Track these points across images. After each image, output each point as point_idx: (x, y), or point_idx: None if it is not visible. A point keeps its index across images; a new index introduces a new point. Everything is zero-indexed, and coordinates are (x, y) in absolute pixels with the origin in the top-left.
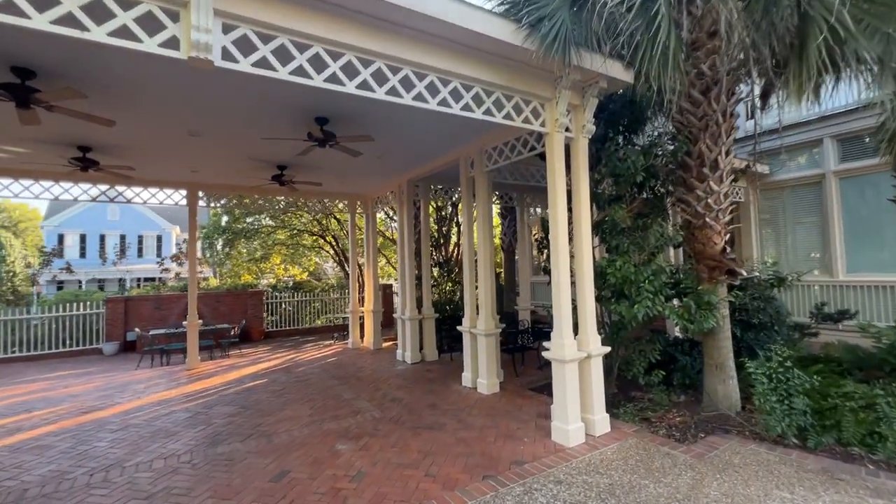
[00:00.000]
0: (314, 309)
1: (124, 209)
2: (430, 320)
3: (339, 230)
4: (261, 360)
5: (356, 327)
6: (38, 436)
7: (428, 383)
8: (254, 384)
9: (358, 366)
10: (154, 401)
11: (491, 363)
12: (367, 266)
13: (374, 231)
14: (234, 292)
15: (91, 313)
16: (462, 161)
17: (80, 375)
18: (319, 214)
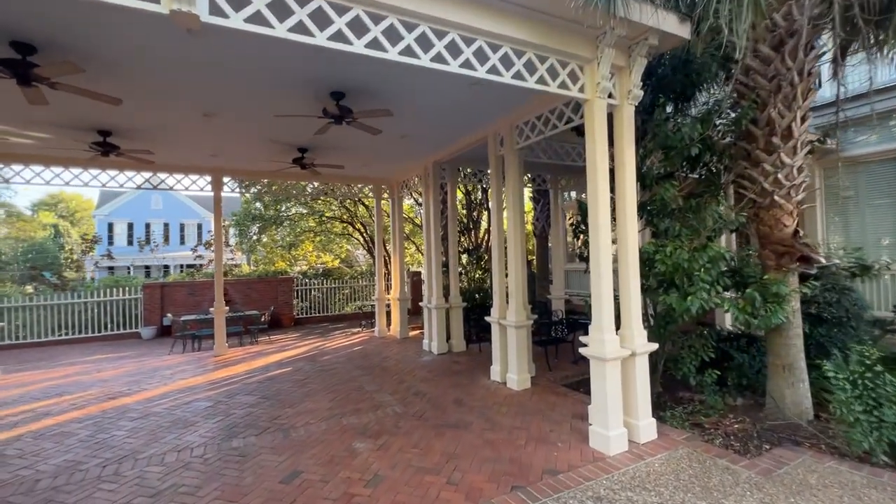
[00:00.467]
0: (344, 296)
1: (166, 199)
2: (458, 309)
3: (368, 217)
4: (288, 347)
5: (383, 315)
6: (62, 422)
7: (454, 376)
8: (278, 373)
9: (383, 355)
10: (178, 388)
11: (522, 357)
12: (394, 253)
13: (401, 216)
14: (265, 279)
15: (130, 298)
16: (491, 139)
17: (115, 360)
18: (348, 201)
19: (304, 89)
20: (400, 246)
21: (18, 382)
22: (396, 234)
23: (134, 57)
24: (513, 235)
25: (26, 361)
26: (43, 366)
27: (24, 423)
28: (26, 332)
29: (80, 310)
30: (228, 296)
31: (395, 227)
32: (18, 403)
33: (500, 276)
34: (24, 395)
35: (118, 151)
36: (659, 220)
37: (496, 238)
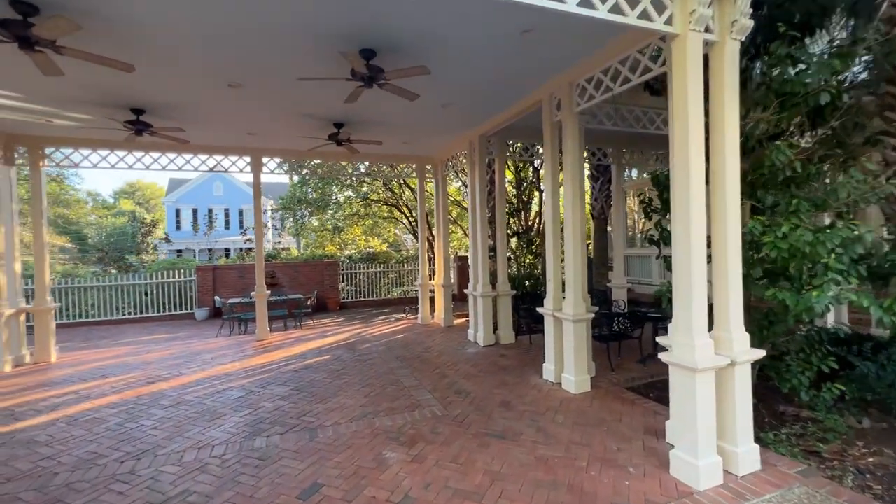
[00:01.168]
0: (389, 280)
1: (227, 186)
2: (506, 298)
3: (413, 200)
4: (329, 333)
5: (426, 302)
6: (98, 406)
7: (501, 373)
8: (315, 361)
9: (425, 346)
10: (214, 374)
11: (580, 355)
12: (438, 236)
13: (445, 197)
14: (311, 262)
15: (185, 280)
16: (546, 102)
17: (165, 341)
18: (393, 183)
19: (331, 48)
20: (444, 229)
21: (73, 362)
22: (441, 216)
23: (145, 14)
24: (571, 216)
25: (90, 339)
26: (102, 344)
27: (64, 405)
28: (95, 311)
29: (141, 291)
30: (276, 279)
31: (439, 208)
32: (66, 384)
33: (555, 262)
34: (72, 376)
35: (151, 130)
36: (764, 193)
37: (551, 219)
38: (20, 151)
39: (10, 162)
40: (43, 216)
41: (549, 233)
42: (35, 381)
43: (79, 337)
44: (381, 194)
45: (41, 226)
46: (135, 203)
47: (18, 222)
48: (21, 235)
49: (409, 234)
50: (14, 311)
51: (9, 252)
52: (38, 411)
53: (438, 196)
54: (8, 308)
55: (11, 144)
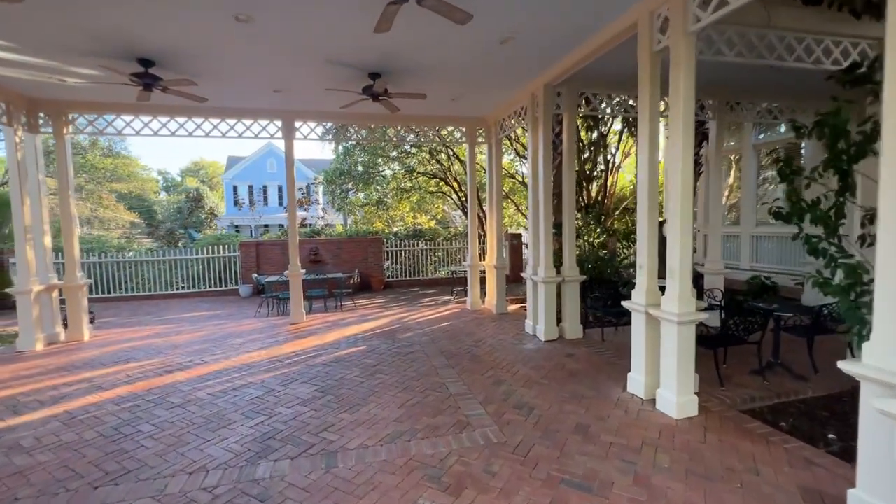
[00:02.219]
0: (436, 258)
1: (280, 162)
2: (573, 284)
3: (462, 173)
4: (369, 317)
5: (476, 285)
6: (103, 401)
7: (571, 380)
8: (349, 352)
9: (475, 337)
10: (237, 365)
11: (686, 367)
12: (490, 212)
13: (498, 166)
14: (355, 239)
15: (229, 256)
16: (644, 23)
17: (201, 320)
18: (441, 154)
19: None
20: (498, 203)
21: (103, 341)
22: (494, 188)
23: None
24: (680, 184)
25: (135, 315)
26: (143, 321)
27: (71, 397)
28: (151, 286)
29: (188, 266)
30: (318, 256)
31: (491, 179)
32: (85, 369)
33: (649, 243)
34: (95, 360)
35: (162, 85)
36: None
37: (647, 187)
38: (44, 118)
39: (34, 129)
40: (70, 187)
41: (643, 205)
42: (58, 363)
43: (127, 312)
44: (427, 166)
45: (68, 197)
46: (199, 181)
47: (46, 193)
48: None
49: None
50: (44, 287)
51: (37, 225)
52: (41, 403)
53: (492, 164)
54: (37, 284)
55: (34, 110)
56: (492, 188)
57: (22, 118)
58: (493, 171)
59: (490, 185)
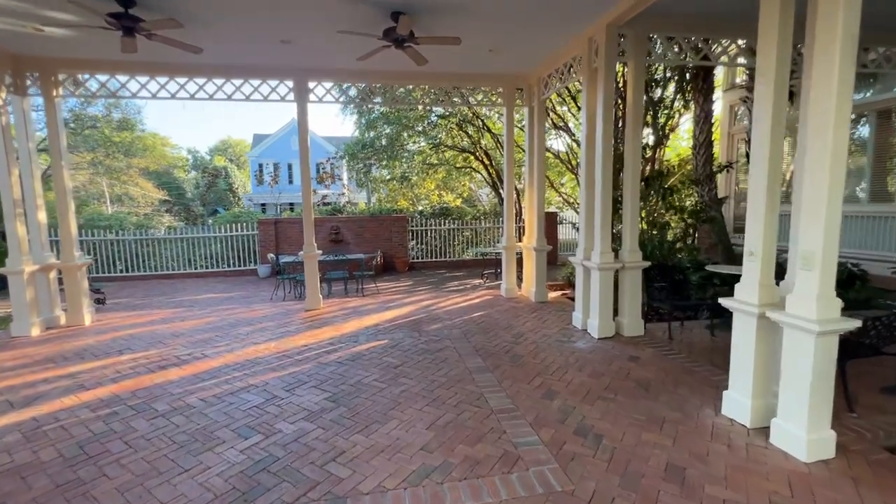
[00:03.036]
0: (464, 238)
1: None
2: (634, 271)
3: (494, 146)
4: (392, 303)
5: (512, 270)
6: (80, 405)
7: (644, 394)
8: (368, 347)
9: (514, 332)
10: (240, 360)
11: (821, 393)
12: (530, 186)
13: (541, 131)
14: (378, 217)
15: (247, 234)
16: None
17: (213, 303)
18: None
19: None
20: (539, 176)
21: (103, 327)
22: (535, 159)
23: None
24: (830, 146)
25: (149, 296)
26: (153, 303)
27: (46, 398)
28: (164, 265)
29: (207, 244)
30: (340, 235)
31: (533, 148)
32: (74, 361)
33: (766, 223)
34: (88, 349)
35: (145, 30)
36: None
37: (766, 156)
38: (32, 79)
39: (21, 91)
40: (62, 157)
41: (759, 178)
42: (48, 352)
43: (142, 292)
44: (455, 139)
45: (61, 168)
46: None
47: (38, 164)
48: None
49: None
50: (38, 267)
51: (30, 198)
52: (11, 405)
53: (532, 131)
54: (31, 264)
55: (21, 70)
56: (533, 159)
57: (7, 78)
58: (534, 139)
59: (530, 156)
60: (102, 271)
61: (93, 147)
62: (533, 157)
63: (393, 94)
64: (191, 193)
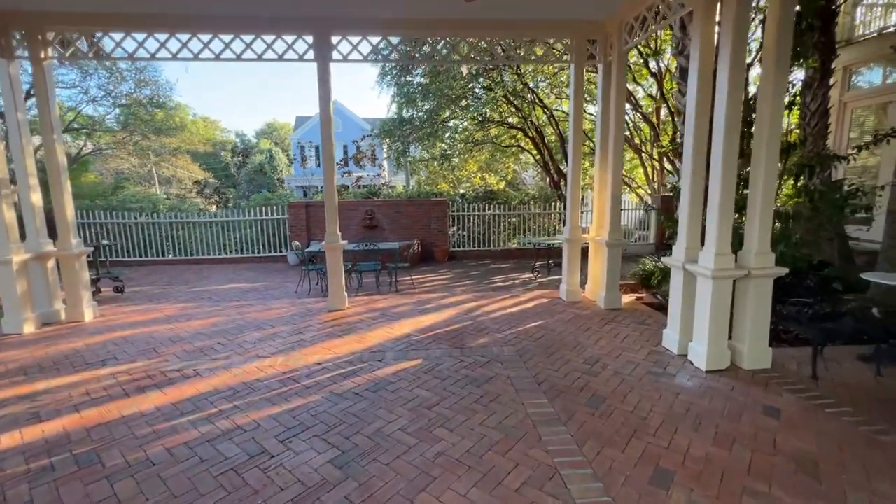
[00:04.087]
0: (510, 225)
1: (345, 121)
2: (762, 282)
3: (546, 122)
4: (429, 304)
5: (575, 268)
6: (12, 449)
7: (814, 486)
8: (396, 370)
9: (586, 353)
10: (234, 384)
11: None
12: (601, 164)
13: (620, 91)
14: (416, 201)
15: (278, 218)
16: None
17: (228, 297)
18: (518, 100)
19: None
20: (616, 151)
21: (100, 325)
22: (611, 129)
23: None
24: None
25: (172, 284)
26: (169, 294)
27: None
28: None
29: (238, 228)
30: (374, 220)
31: (607, 116)
32: (44, 375)
33: None
34: (70, 357)
35: None
36: None
37: None
38: (18, 39)
39: (6, 53)
40: (54, 129)
41: None
42: (27, 359)
43: (166, 279)
44: (504, 112)
45: (53, 142)
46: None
47: (29, 139)
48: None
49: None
50: (30, 256)
51: (21, 177)
52: None
53: (609, 92)
54: (22, 253)
55: (5, 28)
56: (606, 129)
57: None
58: (609, 104)
59: (603, 126)
60: (134, 255)
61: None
62: (608, 126)
63: (435, 50)
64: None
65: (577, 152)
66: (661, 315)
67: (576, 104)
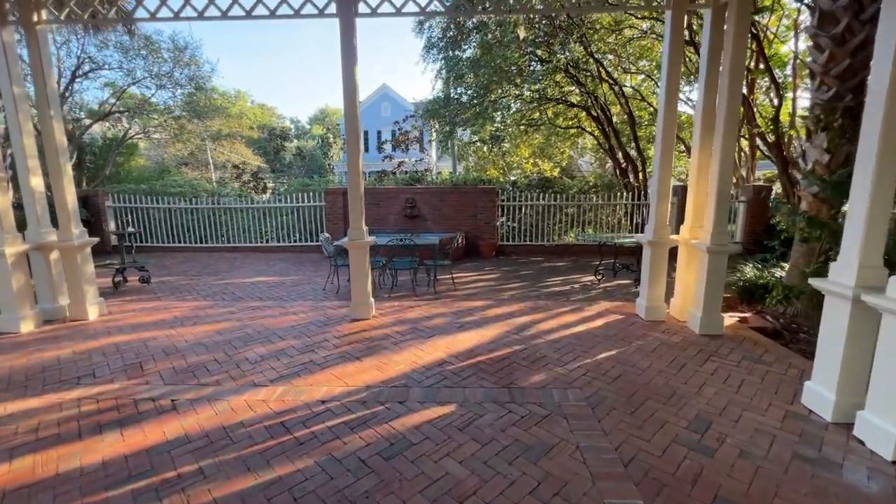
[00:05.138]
0: (567, 217)
1: (394, 106)
2: None
3: (613, 99)
4: (470, 316)
5: (661, 277)
6: None
7: None
8: (420, 421)
9: (688, 413)
10: (211, 428)
11: None
12: (706, 146)
13: (738, 49)
14: (462, 188)
15: (315, 206)
16: None
17: (249, 293)
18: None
19: None
20: (726, 129)
21: (100, 327)
22: (723, 97)
23: None
24: None
25: (196, 275)
26: (189, 287)
27: None
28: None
29: (276, 215)
30: (415, 209)
31: (715, 80)
32: (9, 392)
33: None
34: (47, 369)
35: None
36: None
37: None
38: (11, 0)
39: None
40: (51, 104)
41: None
42: (1, 368)
43: (196, 269)
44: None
45: (50, 118)
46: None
47: (28, 115)
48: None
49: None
50: (28, 247)
51: (20, 159)
52: None
53: (720, 49)
54: (18, 243)
55: None
56: (713, 99)
57: None
58: (723, 62)
59: (708, 94)
60: (173, 241)
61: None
62: (714, 97)
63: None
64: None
65: (670, 129)
66: (781, 347)
67: (670, 64)
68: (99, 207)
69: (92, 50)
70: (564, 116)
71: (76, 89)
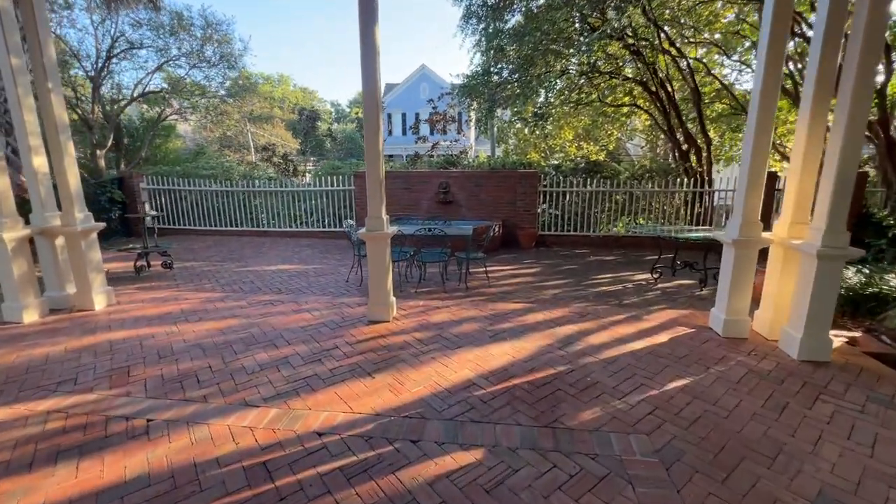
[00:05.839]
0: (615, 205)
1: (432, 87)
2: None
3: (678, 76)
4: (504, 323)
5: (746, 285)
6: None
7: None
8: (438, 471)
9: (805, 485)
10: (185, 462)
11: None
12: (818, 117)
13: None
14: (500, 172)
15: (344, 189)
16: None
17: (260, 288)
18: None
19: None
20: (857, 93)
21: (103, 319)
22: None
23: None
24: None
25: (221, 261)
26: (209, 275)
27: None
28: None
29: (306, 199)
30: (449, 194)
31: (838, 30)
32: None
33: None
34: (32, 369)
35: None
36: None
37: None
38: None
39: None
40: (49, 76)
41: None
42: None
43: (223, 254)
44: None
45: (48, 92)
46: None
47: (28, 89)
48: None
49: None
50: (29, 232)
51: (21, 137)
52: None
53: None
54: (19, 228)
55: None
56: (854, 38)
57: None
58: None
59: (822, 53)
60: (206, 223)
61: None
62: (850, 38)
63: None
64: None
65: (769, 98)
66: None
67: (778, 4)
68: (134, 189)
69: (127, 29)
70: (617, 92)
71: (113, 69)
